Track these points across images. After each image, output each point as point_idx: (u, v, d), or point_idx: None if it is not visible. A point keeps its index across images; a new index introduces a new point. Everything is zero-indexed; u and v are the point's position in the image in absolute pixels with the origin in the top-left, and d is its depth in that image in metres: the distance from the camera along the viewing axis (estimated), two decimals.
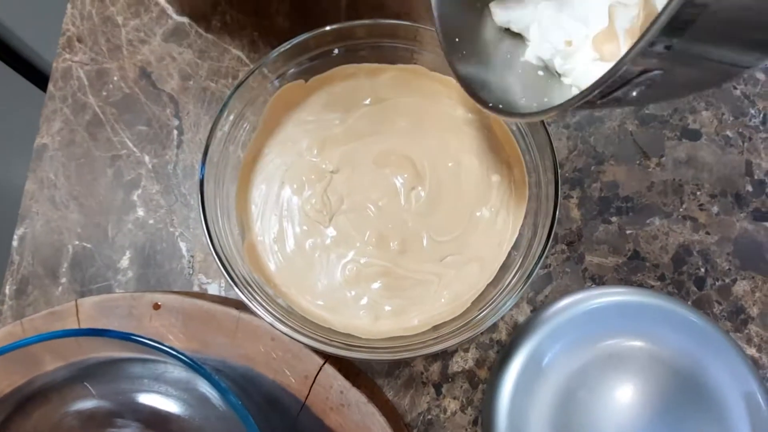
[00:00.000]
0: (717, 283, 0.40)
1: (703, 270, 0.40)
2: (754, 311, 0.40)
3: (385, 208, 0.37)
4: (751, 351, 0.39)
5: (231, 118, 0.36)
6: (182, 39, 0.45)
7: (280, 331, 0.32)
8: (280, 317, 0.32)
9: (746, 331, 0.39)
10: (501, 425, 0.35)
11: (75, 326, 0.35)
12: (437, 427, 0.38)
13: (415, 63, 0.39)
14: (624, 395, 0.35)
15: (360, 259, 0.36)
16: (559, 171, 0.34)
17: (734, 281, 0.40)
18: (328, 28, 0.36)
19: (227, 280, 0.32)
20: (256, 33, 0.45)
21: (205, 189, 0.34)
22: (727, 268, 0.40)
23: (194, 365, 0.27)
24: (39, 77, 0.71)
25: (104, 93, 0.44)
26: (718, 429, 0.34)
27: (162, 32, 0.45)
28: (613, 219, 0.41)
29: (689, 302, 0.40)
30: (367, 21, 0.37)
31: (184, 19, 0.46)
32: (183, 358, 0.27)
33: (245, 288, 0.32)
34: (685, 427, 0.34)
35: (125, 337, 0.28)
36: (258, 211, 0.37)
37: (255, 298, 0.32)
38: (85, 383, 0.32)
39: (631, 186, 0.42)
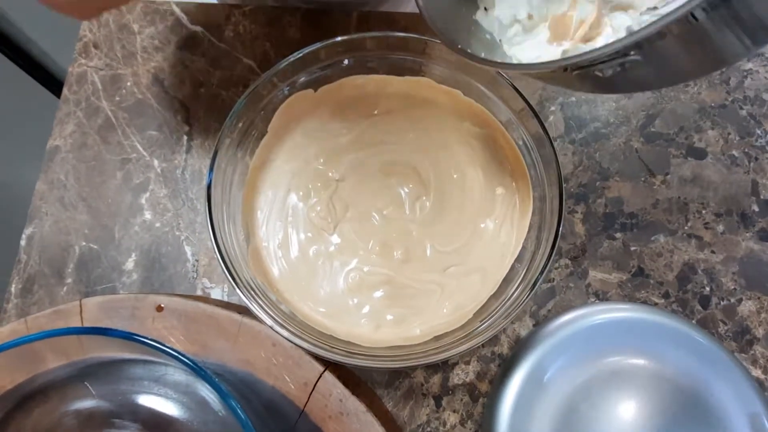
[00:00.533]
0: (722, 302, 0.40)
1: (708, 289, 0.40)
2: (759, 332, 0.39)
3: (389, 218, 0.37)
4: (757, 372, 0.38)
5: (240, 125, 0.36)
6: (196, 48, 0.46)
7: (281, 336, 0.32)
8: (281, 322, 0.32)
9: (752, 352, 0.39)
10: None
11: (78, 325, 0.35)
12: None
13: (423, 75, 0.40)
14: (626, 413, 0.34)
15: (363, 268, 0.36)
16: (563, 185, 0.34)
17: (740, 301, 0.40)
18: (338, 39, 0.37)
19: (231, 284, 0.32)
20: (267, 44, 0.46)
21: (212, 194, 0.34)
22: (732, 287, 0.40)
23: (195, 368, 0.27)
24: (53, 82, 0.72)
25: (117, 98, 0.45)
26: None
27: (176, 41, 0.46)
28: (618, 235, 0.41)
29: (694, 321, 0.39)
30: (377, 33, 0.37)
31: (198, 29, 0.47)
32: (184, 360, 0.27)
33: (248, 292, 0.32)
34: None
35: (127, 336, 0.28)
36: (263, 217, 0.38)
37: (257, 302, 0.32)
38: (86, 383, 0.32)
39: (636, 203, 0.42)
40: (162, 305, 0.35)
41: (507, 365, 0.37)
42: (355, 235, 0.37)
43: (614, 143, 0.43)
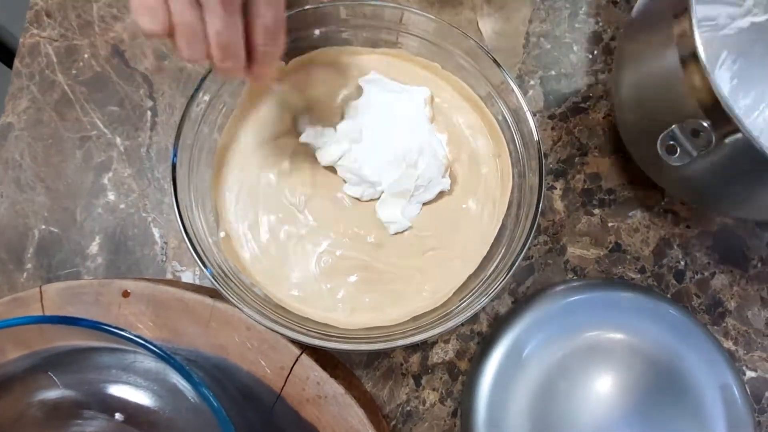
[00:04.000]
0: (696, 276, 0.40)
1: (682, 263, 0.40)
2: (731, 305, 0.40)
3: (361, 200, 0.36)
4: (728, 344, 0.39)
5: (206, 98, 0.34)
6: None
7: (255, 321, 0.31)
8: (256, 306, 0.31)
9: (723, 324, 0.40)
10: (480, 416, 0.34)
11: (39, 313, 0.33)
12: (416, 418, 0.37)
13: (399, 47, 0.38)
14: (603, 386, 0.35)
15: (335, 251, 0.35)
16: (543, 160, 0.33)
17: (713, 275, 0.40)
18: (308, 7, 0.35)
19: (200, 268, 0.31)
20: None
21: (178, 173, 0.32)
22: (706, 261, 0.41)
23: (165, 356, 0.26)
24: (6, 53, 0.67)
25: (74, 71, 0.42)
26: (694, 420, 0.34)
27: None
28: (596, 211, 0.41)
29: (669, 295, 0.40)
30: (349, 2, 0.35)
31: None
32: (153, 348, 0.26)
33: (219, 277, 0.31)
34: (662, 417, 0.34)
35: (92, 325, 0.27)
36: (233, 197, 0.36)
37: (229, 287, 0.31)
38: (50, 373, 0.31)
39: (613, 178, 0.42)
40: (128, 290, 0.34)
41: (486, 343, 0.36)
42: (327, 215, 0.36)
43: (593, 118, 0.43)
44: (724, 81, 0.40)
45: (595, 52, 0.44)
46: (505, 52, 0.43)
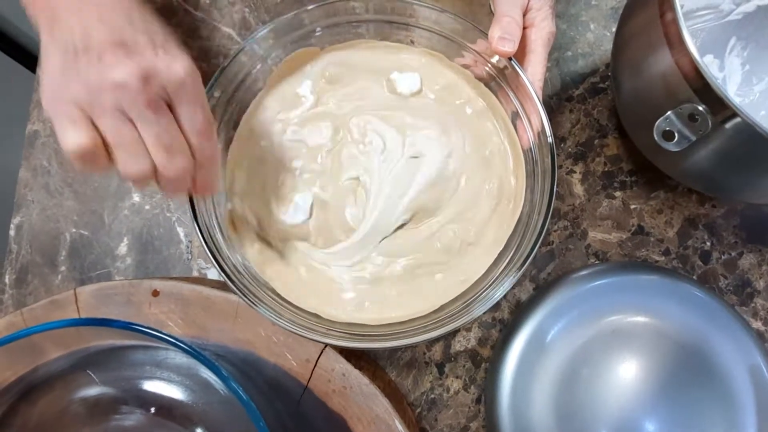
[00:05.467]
0: (723, 257, 0.39)
1: (708, 244, 0.40)
2: (760, 284, 0.39)
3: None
4: (757, 324, 0.39)
5: (219, 96, 0.35)
6: (170, 18, 0.44)
7: (280, 326, 0.31)
8: (277, 311, 0.31)
9: (752, 304, 0.39)
10: (504, 403, 0.35)
11: (74, 315, 0.35)
12: (440, 406, 0.38)
13: (411, 41, 0.38)
14: (628, 371, 0.35)
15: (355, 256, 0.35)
16: (551, 134, 0.33)
17: (740, 255, 0.39)
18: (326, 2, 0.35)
19: (221, 275, 0.31)
20: (246, 9, 0.44)
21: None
22: (733, 241, 0.40)
23: (194, 352, 0.27)
24: (31, 60, 0.69)
25: None
26: (723, 403, 0.34)
27: None
28: (617, 194, 0.40)
29: (694, 276, 0.39)
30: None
31: None
32: (183, 345, 0.27)
33: (238, 280, 0.32)
34: (690, 401, 0.34)
35: (124, 326, 0.28)
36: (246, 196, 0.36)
37: (254, 294, 0.32)
38: (88, 371, 0.32)
39: (635, 159, 0.41)
40: (158, 290, 0.35)
41: (508, 330, 0.37)
42: (343, 216, 0.36)
43: (613, 98, 0.42)
44: (735, 68, 0.39)
45: (614, 29, 0.43)
46: None
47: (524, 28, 0.33)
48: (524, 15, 0.33)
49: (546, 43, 0.34)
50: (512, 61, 0.33)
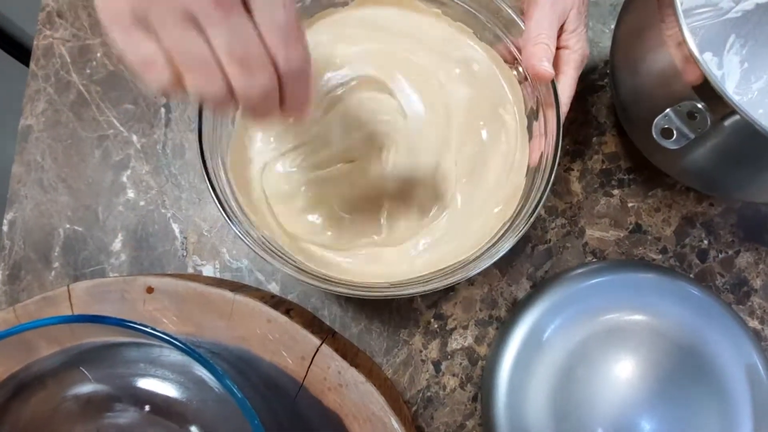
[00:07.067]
0: (720, 255, 0.39)
1: (705, 242, 0.40)
2: (757, 283, 0.39)
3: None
4: (754, 323, 0.39)
5: None
6: None
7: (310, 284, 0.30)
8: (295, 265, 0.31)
9: (749, 303, 0.39)
10: (500, 401, 0.35)
11: (68, 311, 0.35)
12: (437, 403, 0.38)
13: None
14: (624, 369, 0.35)
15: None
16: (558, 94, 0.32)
17: (737, 253, 0.39)
18: None
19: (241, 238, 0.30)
20: None
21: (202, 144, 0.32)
22: (730, 239, 0.40)
23: (188, 350, 0.27)
24: (24, 53, 0.68)
25: (88, 71, 0.43)
26: (719, 401, 0.34)
27: None
28: (615, 192, 0.40)
29: (691, 275, 0.39)
30: None
31: None
32: (177, 343, 0.27)
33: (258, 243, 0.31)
34: (686, 399, 0.34)
35: (118, 323, 0.27)
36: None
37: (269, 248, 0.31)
38: (82, 368, 0.32)
39: (633, 158, 0.41)
40: (152, 286, 0.35)
41: (505, 328, 0.36)
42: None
43: (611, 95, 0.42)
44: (734, 65, 0.38)
45: (612, 26, 0.42)
46: None
47: (557, 48, 0.32)
48: (559, 36, 0.32)
49: (579, 66, 0.33)
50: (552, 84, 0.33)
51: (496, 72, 0.37)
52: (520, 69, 0.35)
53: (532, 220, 0.31)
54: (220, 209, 0.31)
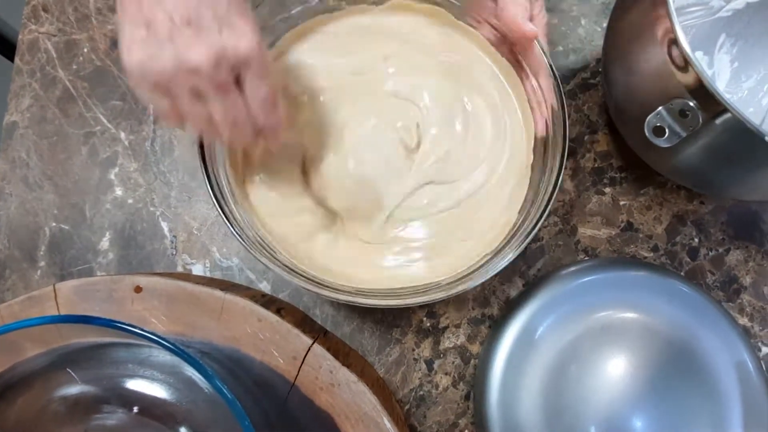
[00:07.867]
0: (710, 253, 0.40)
1: (696, 240, 0.40)
2: (746, 281, 0.39)
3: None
4: (743, 320, 0.39)
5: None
6: None
7: (300, 287, 0.30)
8: (288, 268, 0.31)
9: (739, 300, 0.39)
10: (493, 399, 0.35)
11: (54, 311, 0.34)
12: (429, 402, 0.38)
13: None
14: (616, 367, 0.35)
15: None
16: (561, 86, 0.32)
17: (728, 251, 0.40)
18: None
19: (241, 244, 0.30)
20: None
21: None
22: (720, 237, 0.40)
23: (178, 350, 0.26)
24: (8, 47, 0.67)
25: (74, 66, 0.42)
26: (709, 398, 0.34)
27: None
28: (607, 190, 0.40)
29: (682, 273, 0.39)
30: None
31: None
32: (166, 343, 0.27)
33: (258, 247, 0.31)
34: (677, 396, 0.34)
35: (106, 323, 0.27)
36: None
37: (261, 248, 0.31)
38: (68, 369, 0.32)
39: (624, 156, 0.41)
40: (141, 286, 0.34)
41: (497, 326, 0.36)
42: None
43: (603, 94, 0.42)
44: (724, 64, 0.39)
45: (605, 24, 0.42)
46: None
47: None
48: None
49: (546, 32, 0.34)
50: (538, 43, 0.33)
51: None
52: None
53: (537, 229, 0.31)
54: (220, 209, 0.31)
